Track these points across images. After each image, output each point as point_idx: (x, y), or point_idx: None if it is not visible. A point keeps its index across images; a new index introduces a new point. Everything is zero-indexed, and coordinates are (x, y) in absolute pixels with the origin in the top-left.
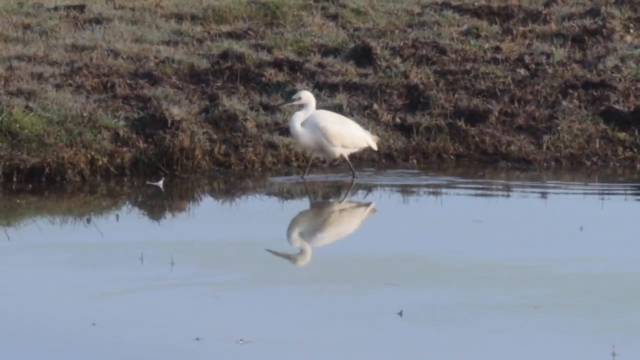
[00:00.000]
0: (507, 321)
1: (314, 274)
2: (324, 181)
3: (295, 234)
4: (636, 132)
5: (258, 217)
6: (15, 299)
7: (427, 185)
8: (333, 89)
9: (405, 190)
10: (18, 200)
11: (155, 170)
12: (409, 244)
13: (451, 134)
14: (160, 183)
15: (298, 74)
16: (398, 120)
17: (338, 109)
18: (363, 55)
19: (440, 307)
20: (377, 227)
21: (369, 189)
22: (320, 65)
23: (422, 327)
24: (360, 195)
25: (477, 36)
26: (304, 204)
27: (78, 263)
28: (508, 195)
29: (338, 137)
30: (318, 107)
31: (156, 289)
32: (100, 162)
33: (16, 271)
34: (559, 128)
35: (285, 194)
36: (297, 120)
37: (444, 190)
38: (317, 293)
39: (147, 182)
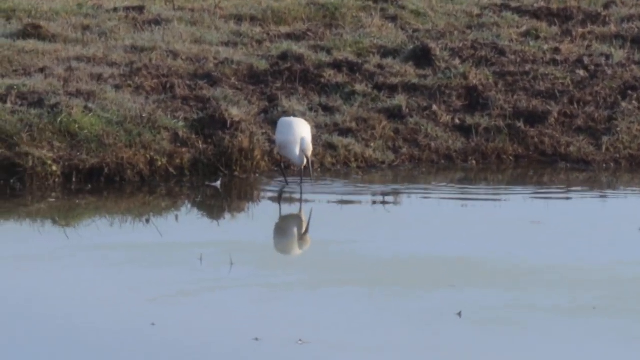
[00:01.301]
0: (564, 324)
1: (372, 275)
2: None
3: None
4: None
5: (316, 217)
6: (74, 300)
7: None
8: (392, 90)
9: (462, 192)
10: (77, 201)
11: (214, 170)
12: (466, 245)
13: (510, 135)
14: (218, 183)
15: (357, 75)
16: (457, 121)
17: (397, 110)
18: (422, 57)
19: (499, 309)
20: (436, 229)
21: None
22: (379, 66)
23: (480, 329)
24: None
25: (537, 37)
26: (360, 206)
27: (137, 263)
28: (567, 197)
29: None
30: (377, 108)
31: (215, 289)
32: (160, 163)
33: (75, 272)
34: (618, 129)
35: (345, 195)
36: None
37: (502, 192)
38: (376, 294)
39: (206, 183)
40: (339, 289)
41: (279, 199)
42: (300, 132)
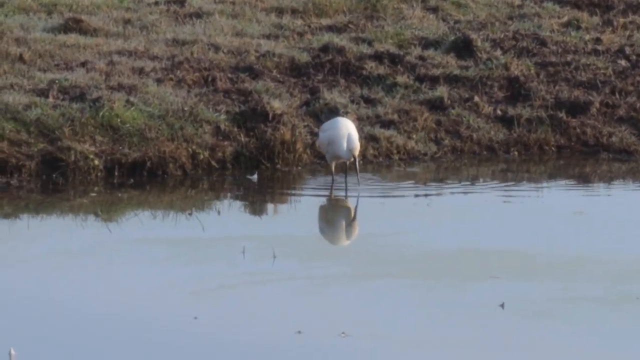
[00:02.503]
0: (608, 315)
1: (415, 267)
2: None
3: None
4: None
5: (359, 210)
6: (116, 294)
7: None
8: (434, 81)
9: (503, 182)
10: (120, 195)
11: (256, 164)
12: (509, 236)
13: (552, 126)
14: (255, 177)
15: (399, 66)
16: (499, 112)
17: (439, 101)
18: (463, 48)
19: (542, 301)
20: (476, 221)
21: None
22: (420, 57)
23: (523, 320)
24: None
25: (578, 27)
26: (402, 198)
27: (179, 258)
28: (609, 188)
29: None
30: (419, 99)
31: (258, 283)
32: (202, 156)
33: (117, 266)
34: None
35: (384, 187)
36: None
37: (544, 182)
38: (418, 287)
39: (247, 177)
40: (381, 282)
41: (328, 191)
42: (347, 127)
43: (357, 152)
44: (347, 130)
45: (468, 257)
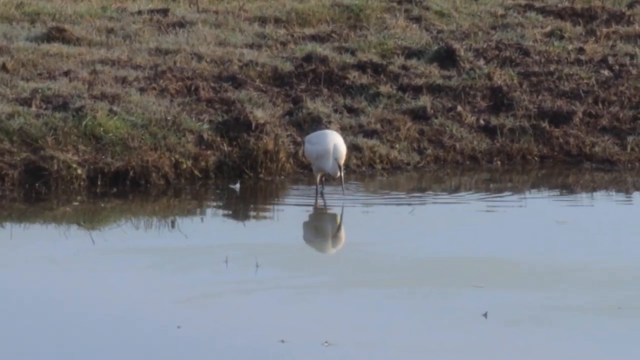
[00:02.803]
0: (590, 324)
1: (399, 276)
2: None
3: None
4: None
5: (343, 220)
6: (99, 303)
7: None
8: (417, 91)
9: (486, 192)
10: (102, 204)
11: (239, 173)
12: (492, 245)
13: (535, 136)
14: (237, 186)
15: (382, 76)
16: (482, 121)
17: (422, 110)
18: (447, 57)
19: (524, 309)
20: (459, 230)
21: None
22: (403, 67)
23: (506, 329)
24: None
25: (561, 37)
26: (386, 207)
27: (162, 266)
28: (592, 197)
29: None
30: (402, 109)
31: (241, 291)
32: (185, 166)
33: (100, 275)
34: None
35: (369, 197)
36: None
37: (527, 192)
38: (402, 295)
39: (230, 186)
40: (365, 291)
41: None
42: (334, 141)
43: (342, 162)
44: (333, 145)
45: (451, 266)
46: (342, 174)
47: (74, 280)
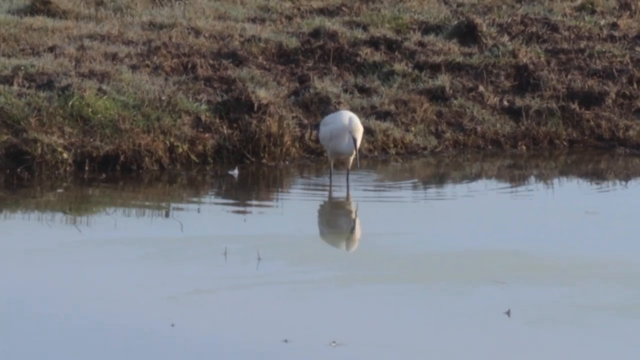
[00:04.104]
0: (621, 323)
1: (413, 271)
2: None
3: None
4: None
5: (350, 209)
6: (86, 299)
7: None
8: (434, 69)
9: (512, 179)
10: (90, 191)
11: (240, 158)
12: (515, 237)
13: (564, 118)
14: (235, 172)
15: (396, 53)
16: (506, 103)
17: (440, 91)
18: (467, 33)
19: (550, 307)
20: (479, 220)
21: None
22: (420, 43)
23: (530, 328)
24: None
25: (592, 12)
26: (400, 196)
27: (156, 260)
28: (625, 186)
29: None
30: (418, 89)
31: (241, 287)
32: (180, 150)
33: (88, 268)
34: None
35: (379, 184)
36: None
37: (554, 179)
38: (416, 292)
39: (228, 172)
40: (376, 286)
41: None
42: (350, 119)
43: (358, 136)
44: (349, 119)
45: (471, 259)
46: (357, 149)
47: (58, 274)
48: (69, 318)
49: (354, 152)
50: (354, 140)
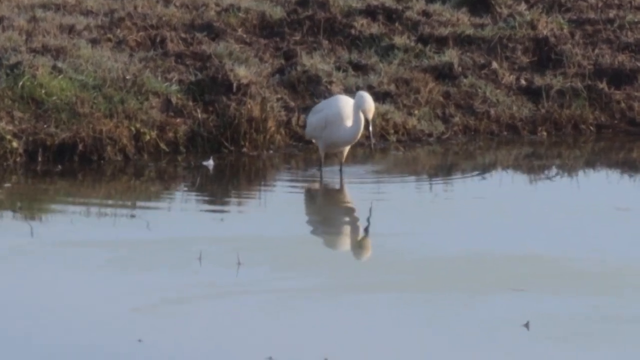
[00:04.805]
0: None
1: (418, 277)
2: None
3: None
4: None
5: (344, 206)
6: (43, 312)
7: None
8: (441, 43)
9: (531, 170)
10: (44, 186)
11: (217, 146)
12: (534, 239)
13: (590, 100)
14: (210, 163)
15: (396, 24)
16: (523, 82)
17: (447, 68)
18: (479, 1)
19: (575, 319)
20: (494, 219)
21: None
22: (424, 13)
23: (551, 343)
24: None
25: None
26: (401, 190)
27: (121, 266)
28: None
29: None
30: (422, 66)
31: (218, 296)
32: (148, 137)
33: (43, 276)
34: None
35: (378, 176)
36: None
37: (580, 170)
38: (421, 301)
39: (202, 163)
40: (374, 296)
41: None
42: (346, 99)
43: (371, 115)
44: (358, 96)
45: (484, 264)
46: (373, 133)
47: (6, 283)
48: (19, 333)
49: (355, 140)
50: (367, 122)
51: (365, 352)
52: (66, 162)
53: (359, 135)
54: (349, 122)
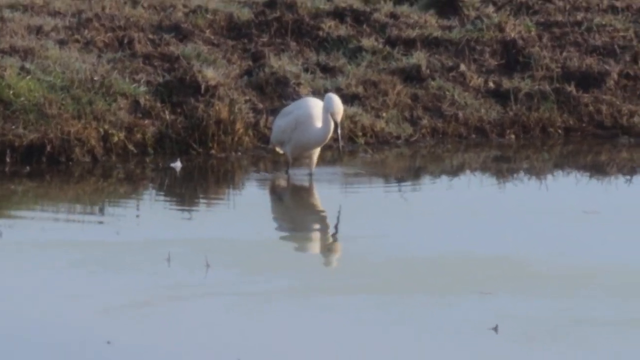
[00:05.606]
0: (623, 340)
1: (386, 279)
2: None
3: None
4: None
5: (313, 208)
6: (10, 312)
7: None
8: (409, 45)
9: (499, 173)
10: (12, 187)
11: (185, 148)
12: (503, 241)
13: (558, 103)
14: (178, 165)
15: (364, 26)
16: (491, 84)
17: (415, 70)
18: (447, 3)
19: (542, 322)
20: (462, 222)
21: None
22: (392, 15)
23: (521, 346)
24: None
25: None
26: (369, 192)
27: (89, 267)
28: (629, 181)
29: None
30: (390, 68)
31: (187, 298)
32: (116, 138)
33: (10, 277)
34: None
35: (348, 180)
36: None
37: (548, 174)
38: (390, 304)
39: (170, 165)
40: (343, 298)
41: (270, 183)
42: (315, 101)
43: (339, 117)
44: (327, 98)
45: (452, 267)
46: (341, 136)
47: None
48: None
49: (324, 142)
50: (336, 125)
51: (333, 354)
52: (34, 163)
53: (329, 136)
54: (318, 123)
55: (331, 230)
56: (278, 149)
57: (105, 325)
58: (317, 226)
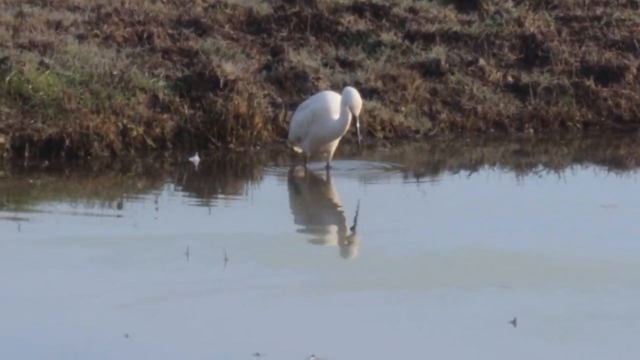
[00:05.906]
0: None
1: (404, 274)
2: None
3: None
4: None
5: (330, 202)
6: (30, 308)
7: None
8: (428, 39)
9: (517, 167)
10: (31, 181)
11: (204, 142)
12: (521, 236)
13: (577, 97)
14: (196, 159)
15: (384, 21)
16: (510, 79)
17: (434, 65)
18: None
19: (561, 316)
20: (480, 216)
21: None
22: (411, 10)
23: (539, 340)
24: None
25: None
26: (388, 187)
27: (108, 262)
28: None
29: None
30: (409, 63)
31: (205, 292)
32: (135, 133)
33: (30, 273)
34: None
35: (365, 174)
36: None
37: (567, 167)
38: (407, 299)
39: (188, 159)
40: (361, 293)
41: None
42: (333, 94)
43: (358, 111)
44: (345, 91)
45: (471, 261)
46: (359, 129)
47: None
48: (4, 330)
49: (342, 134)
50: (354, 119)
51: (351, 349)
52: (53, 157)
53: (346, 128)
54: (336, 116)
55: (349, 225)
56: (296, 148)
57: (124, 319)
58: (335, 221)
